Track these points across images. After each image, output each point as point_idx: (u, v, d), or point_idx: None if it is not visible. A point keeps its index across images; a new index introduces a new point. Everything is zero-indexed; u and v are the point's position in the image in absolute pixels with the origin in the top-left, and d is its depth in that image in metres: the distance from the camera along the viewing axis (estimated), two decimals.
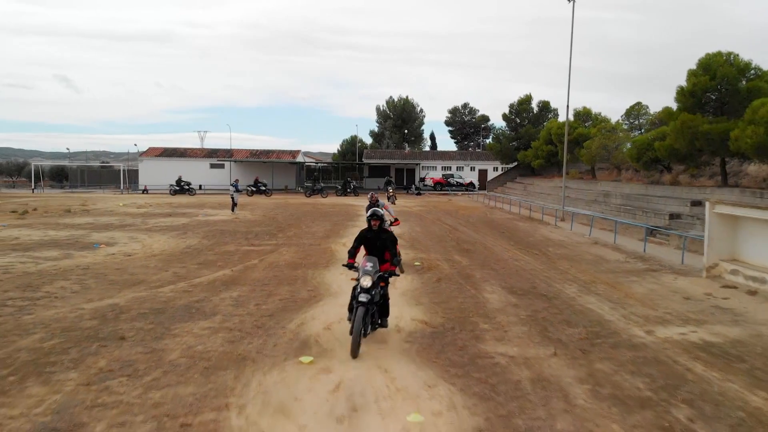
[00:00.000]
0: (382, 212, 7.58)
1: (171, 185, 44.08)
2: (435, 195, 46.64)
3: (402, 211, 28.60)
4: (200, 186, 46.82)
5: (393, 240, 7.48)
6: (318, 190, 42.23)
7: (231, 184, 27.24)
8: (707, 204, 11.48)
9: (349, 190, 44.97)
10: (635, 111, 47.49)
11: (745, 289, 10.35)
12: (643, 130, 40.68)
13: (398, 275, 7.65)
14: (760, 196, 16.28)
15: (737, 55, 19.97)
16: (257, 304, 9.00)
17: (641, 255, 14.69)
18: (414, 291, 10.17)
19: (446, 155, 58.49)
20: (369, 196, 14.07)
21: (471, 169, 54.05)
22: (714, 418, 5.12)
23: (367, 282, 6.64)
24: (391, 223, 11.85)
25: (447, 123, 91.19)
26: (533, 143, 38.92)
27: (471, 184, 51.79)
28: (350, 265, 7.15)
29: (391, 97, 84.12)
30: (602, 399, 5.49)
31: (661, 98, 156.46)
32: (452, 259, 13.97)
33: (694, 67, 20.14)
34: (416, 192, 47.16)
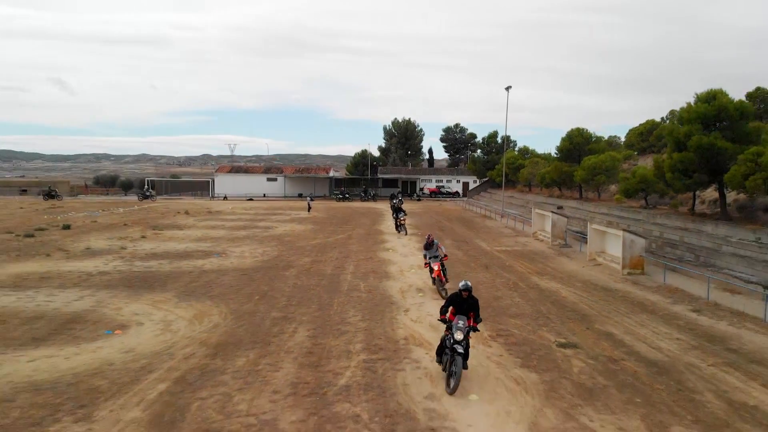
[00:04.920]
0: (470, 285, 9.03)
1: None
2: (430, 201, 63.38)
3: (407, 211, 45.19)
4: (264, 194, 63.72)
5: (477, 305, 9.01)
6: (369, 196, 60.16)
7: (308, 195, 44.10)
8: (534, 208, 28.09)
9: (369, 197, 61.75)
10: None
11: (541, 239, 26.92)
12: None
13: (478, 330, 9.26)
14: (581, 204, 32.80)
15: (586, 129, 36.73)
16: (366, 241, 25.69)
17: (521, 230, 31.31)
18: (416, 238, 26.79)
19: (439, 171, 75.31)
20: (426, 237, 16.25)
21: (457, 182, 71.01)
22: (491, 262, 21.76)
23: (460, 335, 8.36)
24: (443, 257, 14.93)
25: (442, 140, 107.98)
26: (497, 166, 55.41)
27: (456, 193, 68.65)
28: (444, 320, 8.99)
29: (395, 118, 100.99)
30: (460, 250, 22.12)
31: (654, 100, 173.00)
32: (435, 232, 30.51)
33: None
34: (417, 198, 63.95)
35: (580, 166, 33.86)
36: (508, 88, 40.52)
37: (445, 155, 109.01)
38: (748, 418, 7.81)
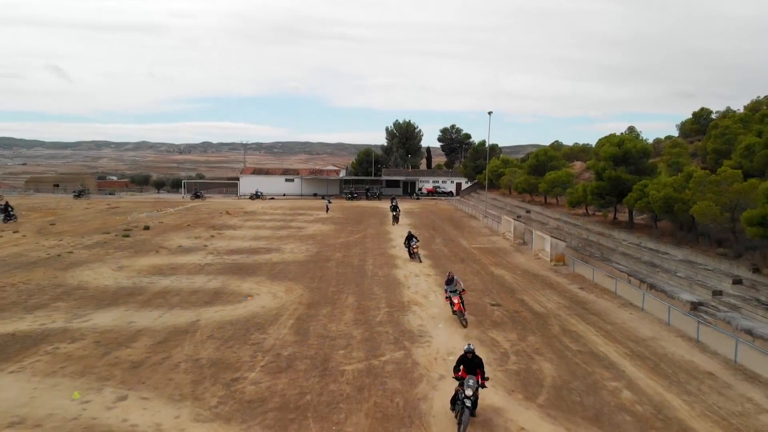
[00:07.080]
0: (473, 347, 10.81)
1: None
2: (428, 200, 72.18)
3: (406, 210, 53.94)
4: (284, 194, 72.51)
5: (482, 363, 10.66)
6: (374, 195, 68.75)
7: (325, 196, 52.82)
8: (503, 215, 36.84)
9: (374, 196, 70.55)
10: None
11: (507, 238, 35.68)
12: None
13: (486, 387, 10.76)
14: (543, 210, 41.51)
15: (552, 148, 45.33)
16: (378, 240, 34.53)
17: (495, 230, 40.08)
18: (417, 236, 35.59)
19: (436, 173, 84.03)
20: (447, 274, 18.66)
21: (451, 182, 79.85)
22: (466, 257, 30.60)
23: (470, 392, 9.92)
24: (461, 291, 17.40)
25: (439, 140, 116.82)
26: (483, 171, 64.12)
27: (450, 192, 77.52)
28: (459, 378, 10.36)
29: (396, 120, 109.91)
30: (446, 248, 30.93)
31: (655, 89, 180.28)
32: (429, 231, 39.30)
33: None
34: (416, 197, 72.75)
35: (543, 179, 42.62)
36: (490, 113, 49.05)
37: (442, 152, 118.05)
38: (567, 334, 16.68)
